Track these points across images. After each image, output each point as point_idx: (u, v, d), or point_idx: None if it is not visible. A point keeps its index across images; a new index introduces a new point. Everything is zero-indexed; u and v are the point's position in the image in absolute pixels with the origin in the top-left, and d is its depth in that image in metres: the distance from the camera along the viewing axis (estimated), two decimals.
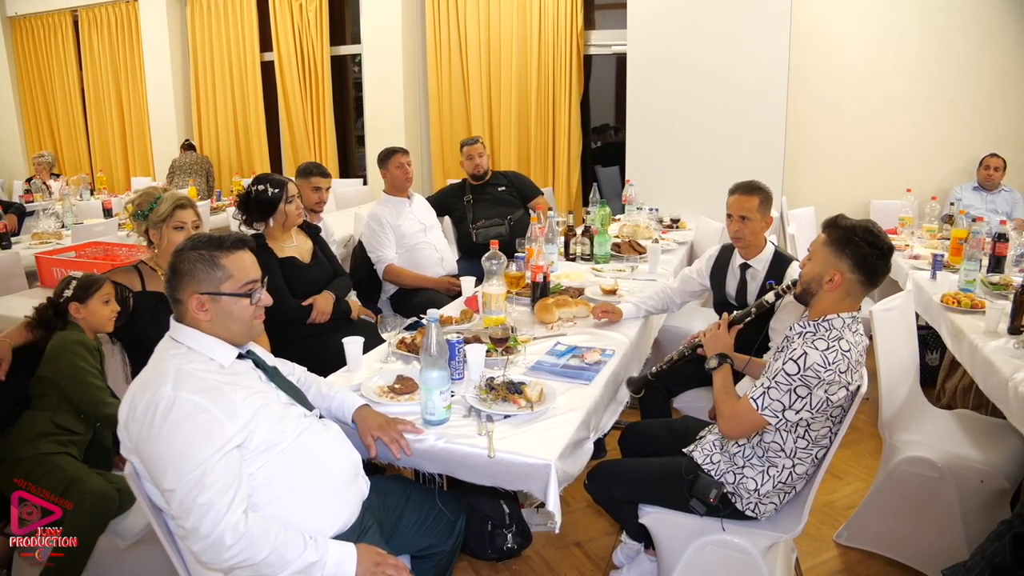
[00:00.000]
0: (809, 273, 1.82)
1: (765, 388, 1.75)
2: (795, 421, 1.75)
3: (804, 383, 1.69)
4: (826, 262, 1.78)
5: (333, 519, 1.53)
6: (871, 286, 1.78)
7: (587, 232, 3.61)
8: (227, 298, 1.51)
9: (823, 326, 1.77)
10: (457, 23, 6.27)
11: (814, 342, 1.72)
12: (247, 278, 1.54)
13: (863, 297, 1.81)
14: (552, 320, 2.56)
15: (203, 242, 1.54)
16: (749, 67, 4.64)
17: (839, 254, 1.75)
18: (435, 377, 1.73)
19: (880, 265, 1.75)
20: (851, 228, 1.76)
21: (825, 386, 1.69)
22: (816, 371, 1.68)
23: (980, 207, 4.73)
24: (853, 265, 1.74)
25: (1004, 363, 2.25)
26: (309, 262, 2.95)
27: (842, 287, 1.76)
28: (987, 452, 2.28)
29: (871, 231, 1.76)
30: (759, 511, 1.87)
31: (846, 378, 1.70)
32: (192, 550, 1.35)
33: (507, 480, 1.66)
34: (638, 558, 2.30)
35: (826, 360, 1.68)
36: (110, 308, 2.20)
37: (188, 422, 1.35)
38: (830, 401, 1.71)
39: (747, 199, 2.59)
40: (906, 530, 2.41)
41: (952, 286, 3.10)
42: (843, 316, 1.77)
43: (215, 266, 1.51)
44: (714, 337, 2.07)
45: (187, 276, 1.50)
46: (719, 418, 1.88)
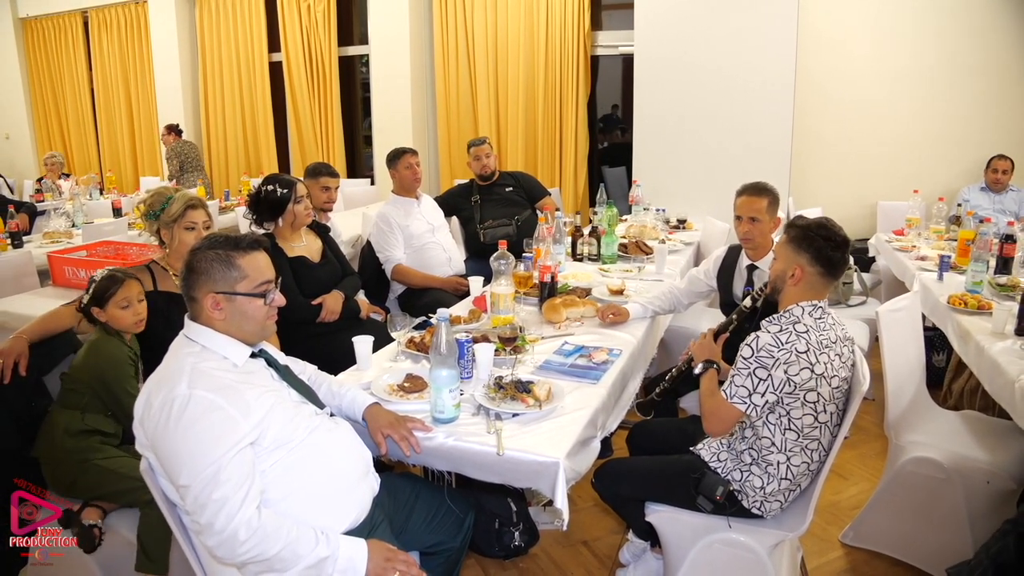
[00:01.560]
0: (775, 272, 1.95)
1: (731, 377, 1.84)
2: (764, 406, 1.79)
3: (760, 364, 1.77)
4: (788, 259, 1.90)
5: (344, 515, 1.55)
6: (832, 277, 1.88)
7: (594, 232, 3.62)
8: (242, 298, 1.53)
9: (783, 316, 1.86)
10: (464, 24, 6.29)
11: (768, 327, 1.83)
12: (262, 278, 1.56)
13: (827, 289, 1.90)
14: (560, 320, 2.57)
15: (220, 242, 1.56)
16: (756, 67, 4.64)
17: (798, 250, 1.87)
18: (445, 376, 1.75)
19: (836, 256, 1.85)
20: (806, 226, 1.89)
21: (783, 366, 1.75)
22: (769, 351, 1.77)
23: (988, 208, 4.72)
24: (812, 259, 1.85)
25: (1011, 364, 2.26)
26: (319, 261, 2.97)
27: (803, 280, 1.87)
28: (993, 453, 2.28)
29: (825, 226, 1.88)
30: (765, 509, 1.88)
31: (807, 358, 1.76)
32: (206, 545, 1.37)
33: (516, 478, 1.68)
34: (644, 556, 2.31)
35: (778, 340, 1.78)
36: (131, 312, 2.12)
37: (203, 419, 1.37)
38: (793, 382, 1.76)
39: (756, 200, 2.60)
40: (912, 530, 2.42)
41: (959, 287, 3.10)
42: (803, 305, 1.86)
43: (231, 266, 1.53)
44: (701, 346, 2.15)
45: (203, 275, 1.52)
46: (703, 419, 1.92)
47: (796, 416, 1.83)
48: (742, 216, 2.64)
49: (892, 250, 4.02)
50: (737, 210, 2.66)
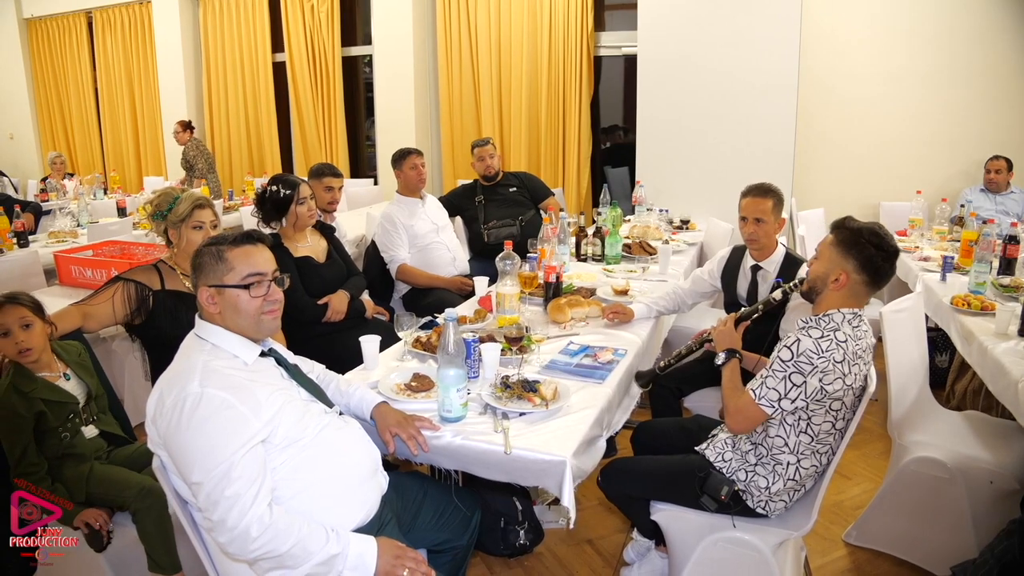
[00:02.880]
0: (816, 272, 1.87)
1: (763, 378, 1.80)
2: (791, 411, 1.78)
3: (798, 370, 1.74)
4: (832, 262, 1.82)
5: (354, 513, 1.56)
6: (875, 287, 1.82)
7: (598, 233, 3.64)
8: (230, 290, 1.55)
9: (823, 320, 1.81)
10: (467, 24, 6.31)
11: (809, 331, 1.78)
12: (249, 271, 1.57)
13: (868, 297, 1.85)
14: (565, 320, 2.59)
15: (217, 239, 1.61)
16: (759, 68, 4.65)
17: (845, 255, 1.80)
18: (452, 375, 1.76)
19: (885, 267, 1.80)
20: (858, 230, 1.80)
21: (820, 374, 1.73)
22: (809, 357, 1.73)
23: (990, 209, 4.73)
24: (859, 266, 1.79)
25: (1014, 365, 2.27)
26: (324, 261, 2.99)
27: (847, 287, 1.80)
28: (997, 453, 2.30)
29: (877, 233, 1.80)
30: (769, 509, 1.89)
31: (841, 368, 1.73)
32: (218, 542, 1.39)
33: (523, 476, 1.69)
34: (649, 555, 2.33)
35: (819, 347, 1.73)
36: (35, 332, 2.00)
37: (215, 418, 1.39)
38: (825, 391, 1.74)
39: (762, 201, 2.61)
40: (915, 530, 2.43)
41: (962, 288, 3.11)
42: (843, 311, 1.81)
43: (220, 259, 1.56)
44: (722, 333, 2.09)
45: (198, 270, 1.58)
46: (725, 414, 1.91)
47: (816, 422, 1.83)
48: (747, 217, 2.65)
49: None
50: (742, 211, 2.68)
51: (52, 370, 2.08)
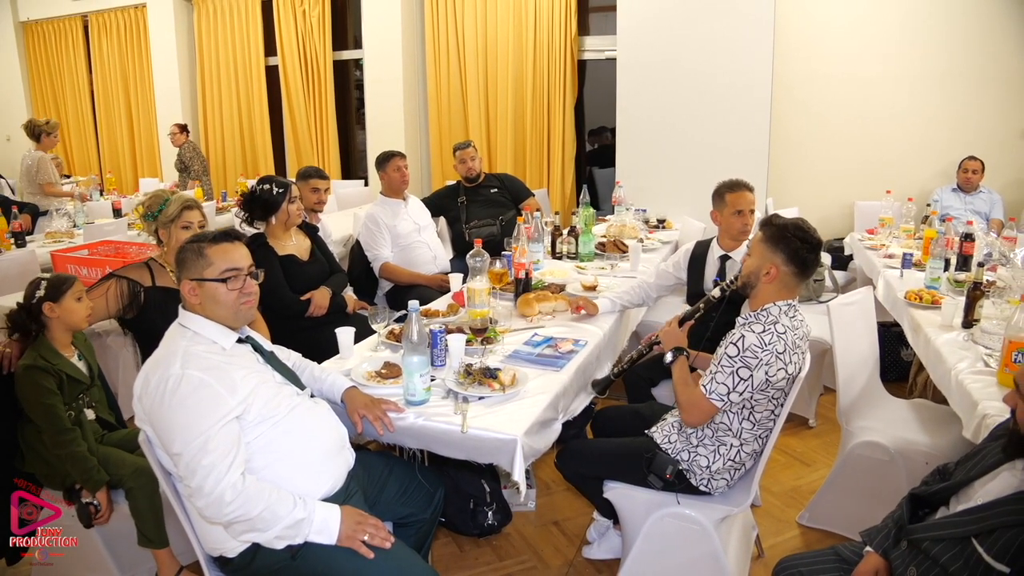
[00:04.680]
0: (748, 267, 2.00)
1: (712, 374, 1.93)
2: (739, 403, 1.92)
3: (744, 364, 1.87)
4: (763, 257, 1.95)
5: (321, 484, 1.71)
6: (803, 277, 1.96)
7: (573, 231, 3.79)
8: (209, 283, 1.71)
9: (762, 314, 1.94)
10: (455, 29, 6.46)
11: (751, 326, 1.91)
12: (226, 266, 1.72)
13: (798, 287, 1.99)
14: (532, 313, 2.73)
15: (198, 236, 1.78)
16: (734, 71, 4.80)
17: (774, 249, 1.93)
18: (416, 361, 1.91)
19: (811, 258, 1.94)
20: (784, 226, 1.94)
21: (765, 367, 1.86)
22: (754, 351, 1.86)
23: (960, 208, 4.89)
24: (787, 258, 1.92)
25: (951, 354, 2.42)
26: (307, 260, 3.13)
27: (778, 279, 1.94)
28: (933, 437, 2.45)
29: (802, 228, 1.94)
30: (712, 486, 2.04)
31: (784, 359, 1.87)
32: (196, 506, 1.55)
33: (478, 454, 1.84)
34: (608, 533, 2.48)
35: (762, 341, 1.86)
36: (84, 305, 2.20)
37: (194, 395, 1.55)
38: (770, 382, 1.88)
39: (751, 194, 2.83)
40: (861, 510, 2.55)
41: (919, 283, 3.25)
42: (779, 304, 1.94)
43: (200, 255, 1.72)
44: (668, 334, 2.24)
45: (181, 265, 1.74)
46: (680, 409, 2.05)
47: (759, 410, 1.97)
48: (743, 210, 2.80)
49: (863, 248, 4.18)
50: (737, 205, 2.82)
51: (70, 350, 2.24)
